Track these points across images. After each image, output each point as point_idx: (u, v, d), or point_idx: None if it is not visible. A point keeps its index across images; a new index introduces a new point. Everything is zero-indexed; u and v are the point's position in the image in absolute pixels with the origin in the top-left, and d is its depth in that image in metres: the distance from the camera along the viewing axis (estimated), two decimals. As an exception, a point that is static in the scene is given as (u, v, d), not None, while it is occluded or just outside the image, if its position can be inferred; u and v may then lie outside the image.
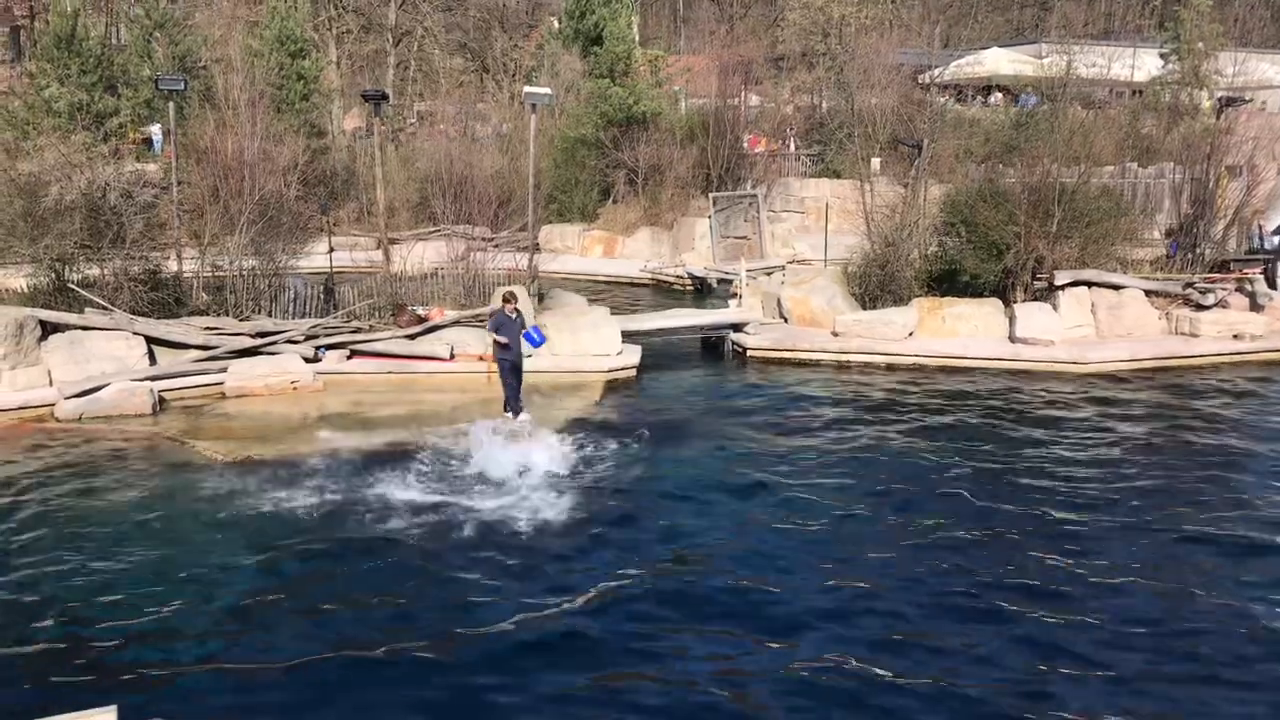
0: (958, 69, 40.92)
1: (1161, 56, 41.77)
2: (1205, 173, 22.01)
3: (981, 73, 43.57)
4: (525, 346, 14.93)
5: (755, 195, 29.84)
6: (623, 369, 17.87)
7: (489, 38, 47.71)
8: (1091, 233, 20.05)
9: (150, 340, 16.58)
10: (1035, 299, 19.89)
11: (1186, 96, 37.14)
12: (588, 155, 33.14)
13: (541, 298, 20.21)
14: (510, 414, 14.82)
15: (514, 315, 14.71)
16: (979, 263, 20.09)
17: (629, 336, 18.64)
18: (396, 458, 13.40)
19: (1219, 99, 24.89)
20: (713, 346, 20.27)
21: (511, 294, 15.11)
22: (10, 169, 18.33)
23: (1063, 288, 19.61)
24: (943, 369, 18.58)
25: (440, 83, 44.32)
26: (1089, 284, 19.85)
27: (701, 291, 27.04)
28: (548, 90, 22.84)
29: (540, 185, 22.78)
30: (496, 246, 21.03)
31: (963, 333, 19.59)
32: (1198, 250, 21.70)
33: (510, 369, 14.79)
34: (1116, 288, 20.01)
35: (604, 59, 35.07)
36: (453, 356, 17.52)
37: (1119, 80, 39.52)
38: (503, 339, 14.54)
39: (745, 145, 34.82)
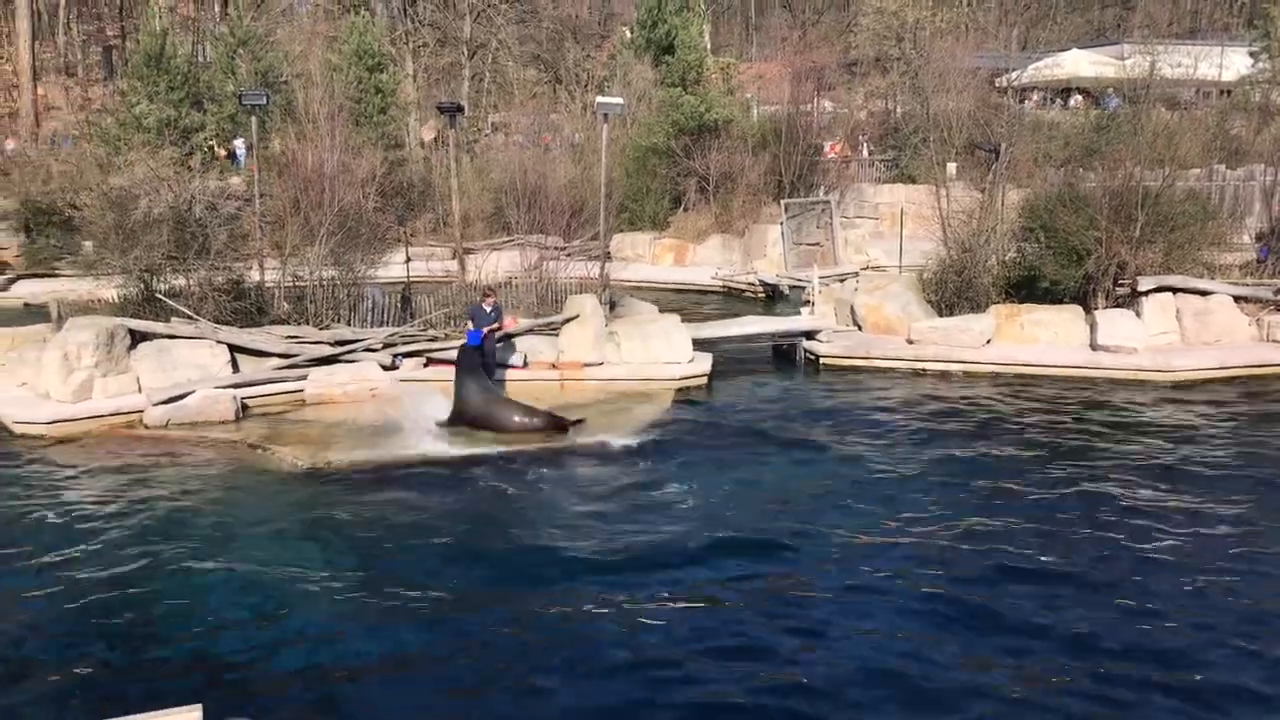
0: (1035, 71, 40.17)
1: (1251, 55, 40.49)
2: (1298, 174, 21.34)
3: (1061, 75, 42.70)
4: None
5: (828, 201, 29.58)
6: (694, 377, 17.84)
7: (562, 49, 48.09)
8: (1176, 237, 19.50)
9: (233, 349, 17.00)
10: (1117, 305, 19.39)
11: (1278, 96, 35.94)
12: (659, 164, 33.18)
13: (613, 306, 20.29)
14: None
15: (489, 309, 16.01)
16: (1059, 269, 19.67)
17: (700, 344, 18.60)
18: (473, 462, 13.58)
19: (1312, 98, 24.09)
20: (785, 354, 20.12)
21: (489, 289, 16.77)
22: (103, 183, 19.02)
23: (1146, 294, 19.08)
24: (1021, 377, 18.19)
25: (514, 94, 44.82)
26: (1174, 290, 19.28)
27: (773, 299, 26.88)
28: (620, 100, 22.94)
29: (612, 194, 22.89)
30: (569, 255, 21.20)
31: (1042, 340, 19.18)
32: (1290, 255, 21.00)
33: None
34: (1203, 293, 19.40)
35: (676, 68, 35.19)
36: (526, 364, 17.68)
37: (1206, 80, 38.32)
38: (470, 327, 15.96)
39: (826, 151, 34.55)
